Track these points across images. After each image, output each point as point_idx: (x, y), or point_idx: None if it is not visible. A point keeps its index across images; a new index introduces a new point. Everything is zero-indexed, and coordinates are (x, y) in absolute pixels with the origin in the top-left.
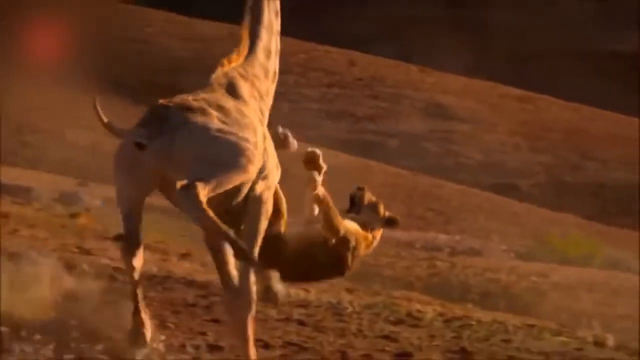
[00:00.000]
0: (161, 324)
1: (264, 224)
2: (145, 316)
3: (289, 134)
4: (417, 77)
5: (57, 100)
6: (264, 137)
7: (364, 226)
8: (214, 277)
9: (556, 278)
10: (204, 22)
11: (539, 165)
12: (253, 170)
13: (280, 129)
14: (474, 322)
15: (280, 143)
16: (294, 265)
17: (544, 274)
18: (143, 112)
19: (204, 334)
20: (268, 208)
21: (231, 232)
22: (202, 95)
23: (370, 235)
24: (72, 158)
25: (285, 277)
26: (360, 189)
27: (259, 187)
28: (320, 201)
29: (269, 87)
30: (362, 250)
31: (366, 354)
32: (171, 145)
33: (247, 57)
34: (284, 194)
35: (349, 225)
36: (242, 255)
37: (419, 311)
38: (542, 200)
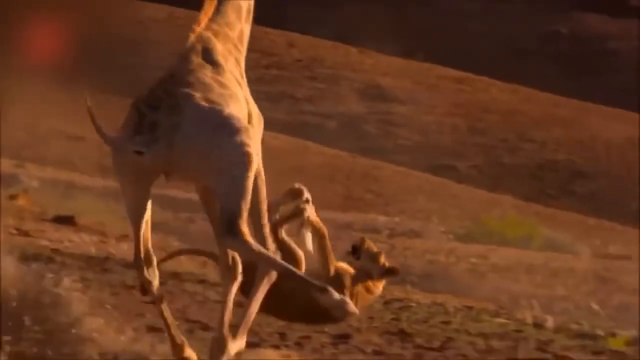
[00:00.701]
0: (99, 306)
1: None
2: (176, 332)
3: (306, 192)
4: (356, 58)
5: None
6: (247, 102)
7: (363, 272)
8: None
9: (495, 259)
10: (143, 4)
11: (477, 146)
12: (257, 160)
13: (297, 185)
14: (413, 304)
15: (292, 196)
16: (294, 306)
17: (482, 256)
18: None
19: (142, 315)
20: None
21: (290, 267)
22: (181, 74)
23: (370, 283)
24: (10, 139)
25: (286, 318)
26: (362, 238)
27: None
28: (315, 229)
29: (243, 28)
30: (362, 294)
31: (305, 336)
32: (170, 150)
33: (218, 7)
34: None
35: (343, 265)
36: (307, 285)
37: None
38: (480, 181)
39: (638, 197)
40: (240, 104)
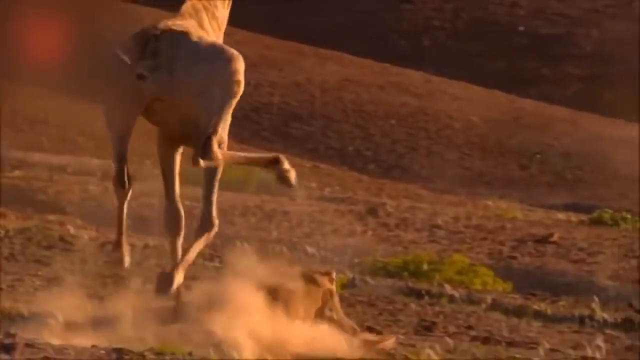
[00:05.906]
0: None
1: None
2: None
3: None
4: None
5: None
6: None
7: None
8: None
9: None
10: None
11: None
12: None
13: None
14: (130, 246)
15: None
16: None
17: (196, 199)
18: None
19: None
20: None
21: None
22: (179, 22)
23: None
24: None
25: None
26: None
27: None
28: None
29: (225, 14)
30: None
31: (18, 279)
32: (170, 77)
33: None
34: None
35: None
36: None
37: (72, 236)
38: None
39: (355, 139)
40: None
